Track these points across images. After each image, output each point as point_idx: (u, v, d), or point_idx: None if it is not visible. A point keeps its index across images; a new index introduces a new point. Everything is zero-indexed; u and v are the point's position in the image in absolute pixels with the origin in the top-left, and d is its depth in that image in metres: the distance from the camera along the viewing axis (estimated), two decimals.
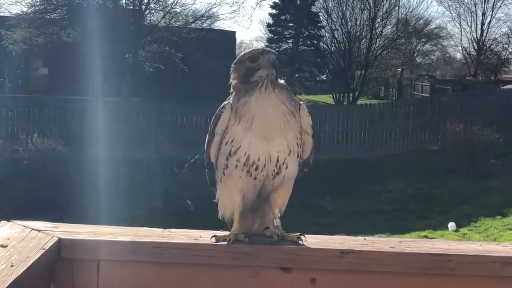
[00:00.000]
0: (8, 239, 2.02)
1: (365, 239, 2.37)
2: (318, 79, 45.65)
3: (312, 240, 2.28)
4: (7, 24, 25.50)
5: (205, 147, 2.35)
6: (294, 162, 2.30)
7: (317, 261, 2.20)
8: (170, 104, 22.74)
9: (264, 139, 2.23)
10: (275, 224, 2.34)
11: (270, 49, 2.34)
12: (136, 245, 2.14)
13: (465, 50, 46.98)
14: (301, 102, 2.36)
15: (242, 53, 2.35)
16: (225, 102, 2.31)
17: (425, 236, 13.90)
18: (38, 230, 2.13)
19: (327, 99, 39.54)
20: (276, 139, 2.24)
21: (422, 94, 36.96)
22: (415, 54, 51.00)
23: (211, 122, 2.31)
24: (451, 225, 14.39)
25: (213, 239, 2.24)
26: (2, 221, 2.19)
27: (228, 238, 2.23)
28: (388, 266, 2.19)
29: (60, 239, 2.08)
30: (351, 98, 37.40)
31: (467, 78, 45.30)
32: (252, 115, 2.22)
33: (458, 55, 51.98)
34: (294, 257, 2.20)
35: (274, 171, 2.27)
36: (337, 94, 38.28)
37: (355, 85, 38.80)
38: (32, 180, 14.91)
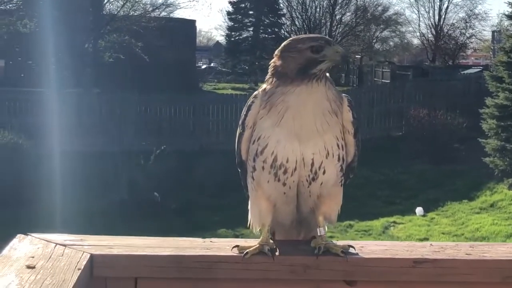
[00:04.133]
0: (33, 257, 1.74)
1: (431, 244, 2.13)
2: None
3: (374, 248, 2.06)
4: None
5: (236, 142, 2.08)
6: (334, 167, 2.02)
7: (387, 272, 1.96)
8: (133, 95, 22.27)
9: (295, 138, 1.95)
10: (319, 234, 2.07)
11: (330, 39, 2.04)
12: (179, 260, 1.89)
13: (423, 35, 47.60)
14: (343, 94, 2.10)
15: (297, 39, 2.05)
16: (256, 92, 2.06)
17: (394, 222, 13.99)
18: (64, 245, 1.86)
19: None
20: (311, 140, 1.96)
21: (383, 80, 37.15)
22: (374, 41, 51.36)
23: (242, 113, 2.04)
24: (419, 210, 14.52)
25: (235, 250, 2.00)
26: (19, 235, 1.90)
27: (245, 251, 1.97)
28: (467, 276, 1.98)
29: (92, 256, 1.82)
30: None
31: (425, 63, 45.82)
32: (286, 107, 1.94)
33: (416, 41, 52.68)
34: (360, 268, 1.96)
35: (309, 176, 1.99)
36: None
37: None
38: None
